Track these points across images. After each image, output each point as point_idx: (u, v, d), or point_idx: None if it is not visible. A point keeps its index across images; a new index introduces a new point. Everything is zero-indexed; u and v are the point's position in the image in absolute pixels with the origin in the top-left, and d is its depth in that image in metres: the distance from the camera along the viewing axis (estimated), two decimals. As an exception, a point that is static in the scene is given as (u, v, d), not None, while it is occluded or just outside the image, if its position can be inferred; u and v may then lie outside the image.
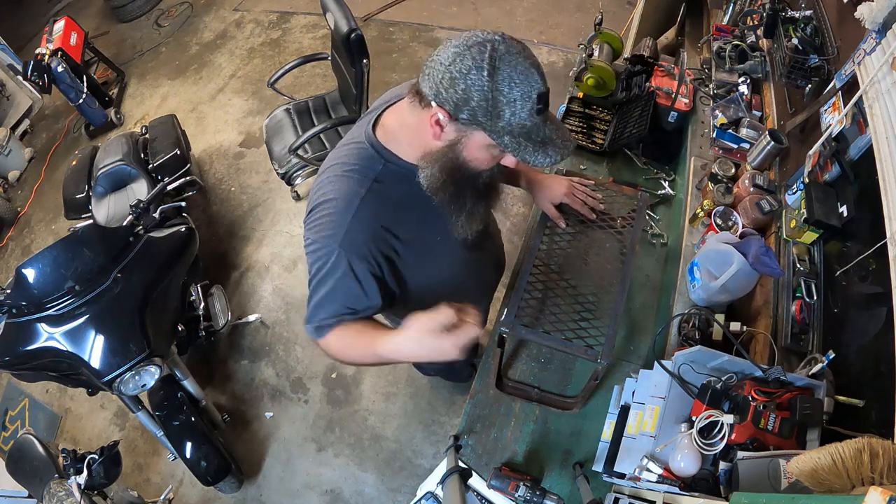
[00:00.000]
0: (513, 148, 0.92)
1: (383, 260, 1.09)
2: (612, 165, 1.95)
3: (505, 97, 0.88)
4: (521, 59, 0.87)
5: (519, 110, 0.89)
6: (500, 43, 0.87)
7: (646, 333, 1.60)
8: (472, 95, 0.88)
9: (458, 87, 0.88)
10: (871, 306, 1.13)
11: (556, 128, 0.95)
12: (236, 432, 2.50)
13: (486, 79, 0.86)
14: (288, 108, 2.83)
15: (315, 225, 1.06)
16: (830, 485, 0.74)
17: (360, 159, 1.06)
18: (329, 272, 1.06)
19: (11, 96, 4.12)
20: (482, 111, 0.89)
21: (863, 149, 1.26)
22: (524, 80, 0.87)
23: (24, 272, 1.85)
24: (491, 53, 0.86)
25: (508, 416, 1.51)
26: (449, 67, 0.88)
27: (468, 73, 0.86)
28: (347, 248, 1.03)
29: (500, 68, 0.86)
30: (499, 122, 0.90)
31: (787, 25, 1.59)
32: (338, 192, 1.04)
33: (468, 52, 0.87)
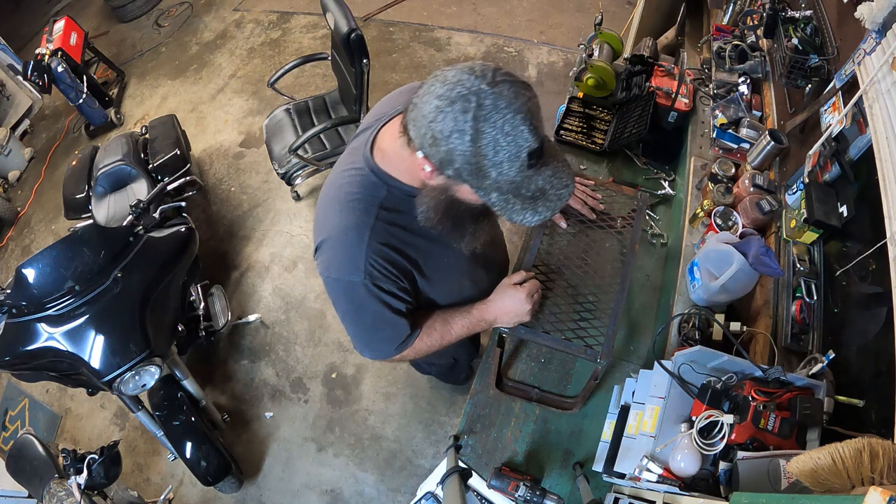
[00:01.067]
0: (500, 206, 0.88)
1: (403, 276, 1.09)
2: (612, 165, 1.95)
3: (490, 161, 0.82)
4: (510, 115, 0.79)
5: (507, 170, 0.83)
6: (486, 95, 0.79)
7: (646, 333, 1.60)
8: (454, 158, 0.83)
9: (440, 148, 0.83)
10: (871, 306, 1.13)
11: (552, 174, 0.89)
12: (236, 432, 2.50)
13: (469, 144, 0.80)
14: (288, 108, 2.83)
15: (331, 262, 1.04)
16: (830, 485, 0.74)
17: (363, 187, 1.02)
18: (364, 308, 1.07)
19: (11, 96, 4.12)
20: (467, 172, 0.84)
21: (863, 149, 1.26)
22: (511, 141, 0.80)
23: (24, 272, 1.85)
24: (475, 112, 0.79)
25: (508, 416, 1.51)
26: (431, 125, 0.82)
27: (450, 136, 0.81)
28: (371, 277, 1.03)
29: (484, 131, 0.79)
30: (485, 181, 0.85)
31: (787, 25, 1.59)
32: (344, 225, 1.02)
33: (451, 110, 0.80)
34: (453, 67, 0.84)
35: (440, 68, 0.86)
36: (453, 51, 3.74)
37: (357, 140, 1.10)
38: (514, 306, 1.21)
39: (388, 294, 1.07)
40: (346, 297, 1.07)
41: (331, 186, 1.08)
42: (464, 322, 1.24)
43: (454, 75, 0.82)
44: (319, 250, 1.06)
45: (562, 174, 0.90)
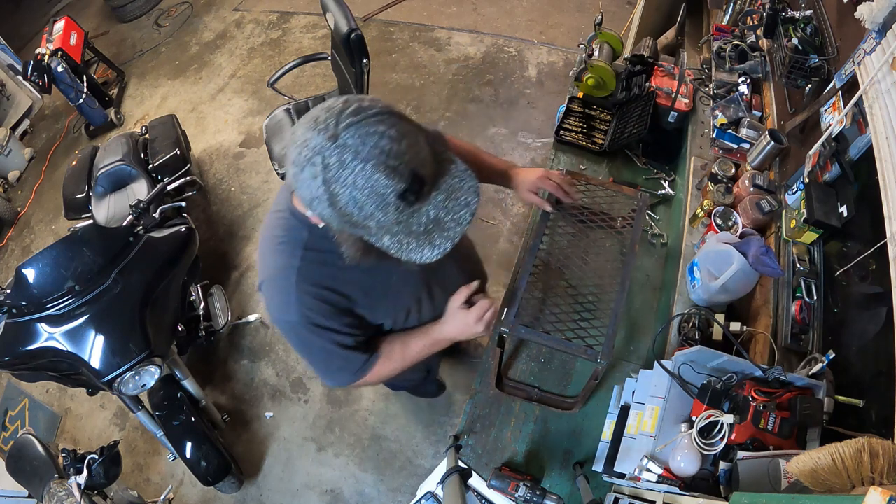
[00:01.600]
0: (395, 249, 0.83)
1: (342, 313, 1.06)
2: (612, 165, 1.95)
3: (360, 216, 0.77)
4: (359, 168, 0.73)
5: (383, 217, 0.78)
6: (330, 153, 0.73)
7: (646, 333, 1.60)
8: (329, 220, 0.80)
9: (315, 210, 0.79)
10: (871, 306, 1.13)
11: (445, 197, 0.82)
12: (236, 432, 2.50)
13: (329, 208, 0.76)
14: (288, 108, 2.83)
15: (269, 303, 1.04)
16: (830, 485, 0.74)
17: (286, 230, 1.00)
18: (310, 345, 1.07)
19: (11, 96, 4.12)
20: (348, 227, 0.81)
21: (863, 149, 1.26)
22: (370, 193, 0.74)
23: (24, 272, 1.85)
24: (323, 177, 0.73)
25: (508, 416, 1.51)
26: (297, 191, 0.78)
27: (312, 203, 0.77)
28: (306, 318, 1.01)
29: (338, 193, 0.74)
30: (369, 230, 0.81)
31: (787, 25, 1.59)
32: (275, 268, 1.01)
33: (303, 176, 0.75)
34: (302, 121, 0.77)
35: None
36: (453, 51, 3.74)
37: (285, 186, 1.08)
38: (465, 329, 1.16)
39: (330, 331, 1.05)
40: (290, 335, 1.07)
41: (264, 228, 1.06)
42: (422, 343, 1.21)
43: (301, 134, 0.76)
44: (260, 291, 1.05)
45: (458, 192, 0.83)
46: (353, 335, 1.10)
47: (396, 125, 0.76)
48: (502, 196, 2.99)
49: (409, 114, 3.46)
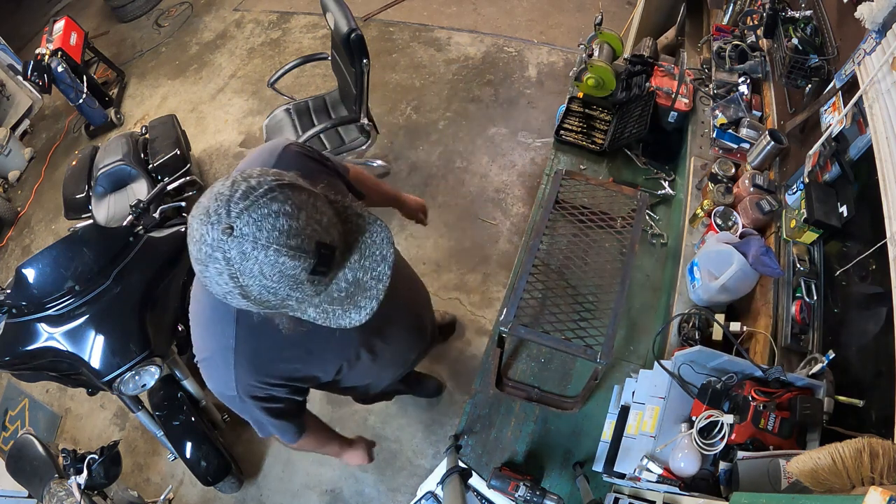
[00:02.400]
0: (322, 318, 0.81)
1: (282, 382, 1.05)
2: (612, 165, 1.95)
3: (277, 299, 0.73)
4: (263, 256, 0.68)
5: (300, 294, 0.74)
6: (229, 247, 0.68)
7: (646, 333, 1.60)
8: (249, 308, 0.76)
9: (231, 304, 0.75)
10: (871, 306, 1.13)
11: (358, 257, 0.79)
12: (236, 432, 2.50)
13: (244, 300, 0.73)
14: (288, 108, 2.83)
15: (208, 379, 1.02)
16: (830, 485, 0.74)
17: (214, 307, 0.96)
18: (246, 412, 1.07)
19: (11, 96, 4.12)
20: (271, 310, 0.77)
21: (863, 149, 1.26)
22: (279, 278, 0.70)
23: (24, 272, 1.85)
24: (229, 272, 0.69)
25: (508, 416, 1.51)
26: (210, 288, 0.73)
27: (226, 297, 0.73)
28: (246, 392, 1.00)
29: (248, 286, 0.70)
30: (292, 307, 0.78)
31: (787, 25, 1.59)
32: (210, 348, 0.98)
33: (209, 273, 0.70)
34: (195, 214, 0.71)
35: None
36: (453, 51, 3.74)
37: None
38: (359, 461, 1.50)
39: (267, 401, 1.04)
40: (231, 405, 1.06)
41: (192, 305, 1.01)
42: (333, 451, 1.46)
43: (196, 229, 0.70)
44: (199, 367, 1.02)
45: (372, 247, 0.81)
46: (293, 399, 1.10)
47: (290, 198, 0.71)
48: (502, 196, 3.00)
49: (409, 114, 3.46)
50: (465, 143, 3.22)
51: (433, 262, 2.81)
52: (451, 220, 2.93)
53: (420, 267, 2.77)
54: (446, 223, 2.93)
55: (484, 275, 2.74)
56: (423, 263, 2.79)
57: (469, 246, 2.84)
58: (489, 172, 3.09)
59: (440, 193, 3.04)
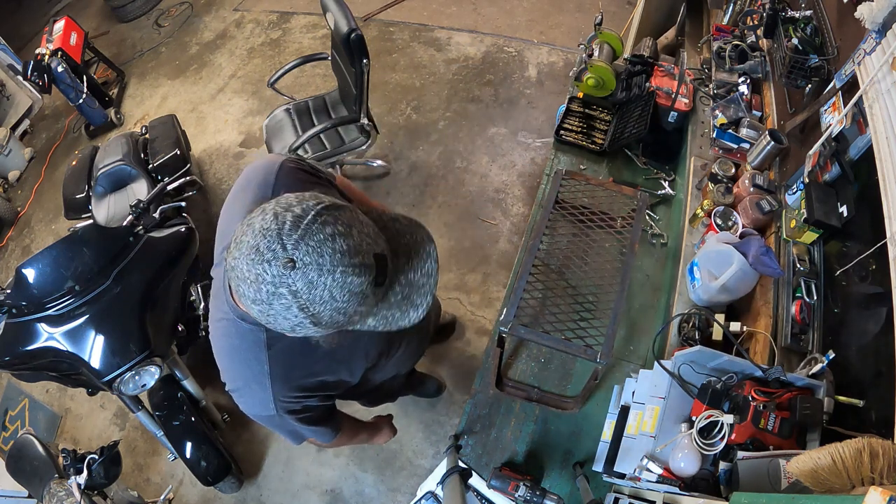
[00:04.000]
0: (382, 325, 0.81)
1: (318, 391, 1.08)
2: (612, 165, 1.95)
3: (345, 319, 0.73)
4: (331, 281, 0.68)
5: (366, 309, 0.75)
6: (293, 280, 0.67)
7: (646, 333, 1.60)
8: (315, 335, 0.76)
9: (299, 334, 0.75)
10: (871, 306, 1.13)
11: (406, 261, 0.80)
12: (236, 432, 2.50)
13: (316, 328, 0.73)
14: (288, 108, 2.83)
15: (246, 406, 1.03)
16: (830, 485, 0.74)
17: (241, 337, 0.95)
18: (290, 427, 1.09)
19: (11, 96, 4.11)
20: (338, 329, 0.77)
21: (863, 149, 1.26)
22: (349, 298, 0.70)
23: (24, 272, 1.85)
24: (298, 304, 0.68)
25: (508, 416, 1.51)
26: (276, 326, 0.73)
27: (297, 328, 0.72)
28: (284, 408, 1.02)
29: (320, 314, 0.70)
30: (354, 324, 0.78)
31: (787, 25, 1.59)
32: (245, 377, 0.99)
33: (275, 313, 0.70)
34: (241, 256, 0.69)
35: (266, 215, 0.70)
36: (453, 51, 3.74)
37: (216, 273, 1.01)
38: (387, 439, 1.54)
39: (303, 412, 1.07)
40: (267, 424, 1.09)
41: (215, 337, 1.01)
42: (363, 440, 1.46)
43: (248, 270, 0.68)
44: (233, 395, 1.03)
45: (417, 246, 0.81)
46: (325, 406, 1.13)
47: (339, 219, 0.71)
48: (502, 196, 3.00)
49: (409, 114, 3.46)
50: (465, 143, 3.22)
51: (433, 262, 2.80)
52: (451, 220, 2.93)
53: (420, 267, 2.76)
54: (446, 223, 2.93)
55: (484, 275, 2.74)
56: (423, 263, 2.79)
57: (469, 246, 2.84)
58: (489, 172, 3.09)
59: (440, 193, 3.04)
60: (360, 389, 1.34)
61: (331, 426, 1.20)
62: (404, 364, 1.45)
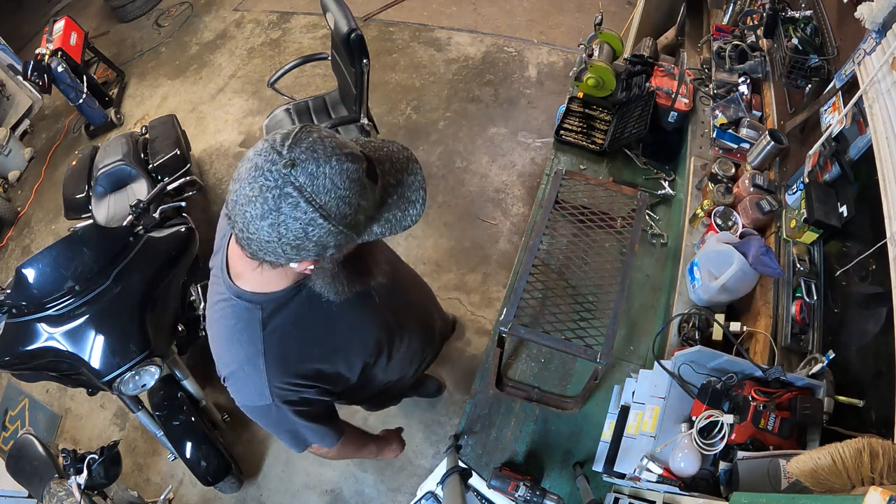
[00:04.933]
0: (387, 229, 0.85)
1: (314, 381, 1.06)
2: (612, 165, 1.95)
3: (351, 213, 0.76)
4: (328, 168, 0.73)
5: (366, 203, 0.79)
6: (296, 176, 0.72)
7: (646, 333, 1.60)
8: (327, 241, 0.77)
9: (308, 247, 0.77)
10: (871, 306, 1.13)
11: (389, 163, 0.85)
12: (236, 432, 2.50)
13: (326, 223, 0.74)
14: (288, 108, 2.83)
15: (238, 394, 1.02)
16: (830, 485, 0.74)
17: (237, 317, 0.96)
18: (281, 424, 1.07)
19: (11, 96, 4.11)
20: (344, 238, 0.79)
21: (863, 149, 1.26)
22: (349, 183, 0.74)
23: (24, 272, 1.85)
24: (305, 197, 0.72)
25: (508, 416, 1.51)
26: (281, 242, 0.75)
27: (308, 233, 0.75)
28: (279, 398, 1.00)
29: (327, 202, 0.73)
30: (361, 228, 0.81)
31: (787, 25, 1.59)
32: (239, 359, 0.98)
33: (283, 216, 0.73)
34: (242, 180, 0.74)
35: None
36: (453, 51, 3.74)
37: (215, 261, 1.04)
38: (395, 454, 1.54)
39: (300, 404, 1.04)
40: (264, 419, 1.06)
41: (211, 322, 1.02)
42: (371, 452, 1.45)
43: (251, 184, 0.73)
44: (225, 383, 1.02)
45: (395, 154, 0.87)
46: (324, 401, 1.10)
47: (321, 128, 0.78)
48: (502, 196, 3.00)
49: (409, 114, 3.46)
50: (465, 143, 3.22)
51: (433, 262, 2.81)
52: (451, 220, 2.93)
53: (420, 267, 2.77)
54: (446, 223, 2.93)
55: (484, 275, 2.74)
56: (423, 263, 2.79)
57: (469, 246, 2.84)
58: (489, 172, 3.09)
59: (440, 193, 3.04)
60: (363, 393, 1.35)
61: (332, 428, 1.17)
62: (408, 365, 1.43)
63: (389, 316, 1.22)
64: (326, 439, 1.17)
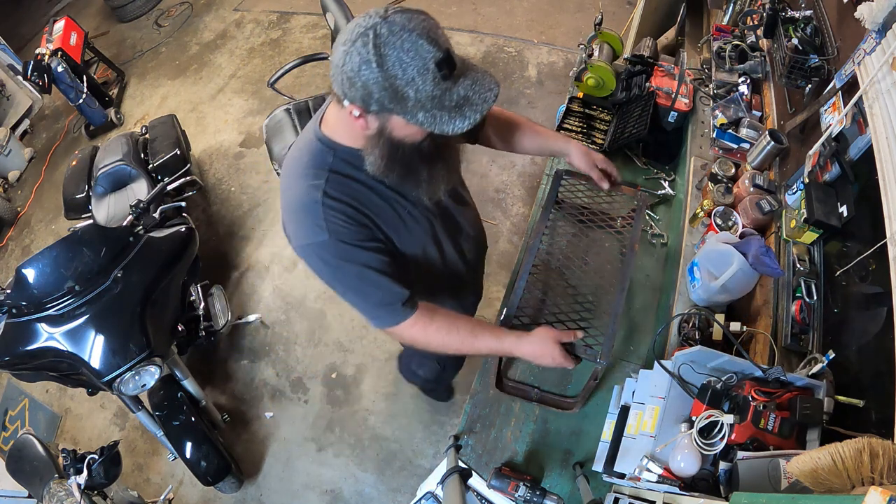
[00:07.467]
0: (429, 123, 0.92)
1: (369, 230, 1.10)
2: (612, 165, 1.95)
3: (401, 80, 0.87)
4: (407, 35, 0.85)
5: (422, 86, 0.88)
6: (381, 25, 0.85)
7: (646, 333, 1.60)
8: (371, 90, 0.88)
9: (356, 85, 0.89)
10: (871, 306, 1.13)
11: (472, 82, 0.93)
12: (236, 432, 2.50)
13: (377, 70, 0.86)
14: (288, 108, 2.83)
15: (297, 230, 1.07)
16: (830, 485, 0.74)
17: (312, 155, 1.08)
18: (343, 268, 1.08)
19: (11, 96, 4.12)
20: (387, 99, 0.89)
21: (863, 149, 1.26)
22: (415, 56, 0.86)
23: (24, 272, 1.85)
24: (374, 41, 0.85)
25: (508, 416, 1.51)
26: (343, 68, 0.88)
27: (360, 70, 0.87)
28: (336, 234, 1.04)
29: (387, 54, 0.85)
30: (407, 103, 0.90)
31: (787, 25, 1.59)
32: (302, 190, 1.06)
33: (353, 48, 0.86)
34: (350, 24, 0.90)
35: None
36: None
37: (311, 120, 1.16)
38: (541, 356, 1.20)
39: (359, 248, 1.07)
40: (323, 262, 1.07)
41: (287, 162, 1.14)
42: (491, 344, 1.21)
43: (353, 22, 0.89)
44: (287, 226, 1.09)
45: (483, 81, 0.94)
46: (382, 258, 1.10)
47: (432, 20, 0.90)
48: (502, 196, 3.00)
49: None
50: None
51: (433, 262, 2.81)
52: (451, 220, 2.93)
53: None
54: (446, 223, 2.92)
55: (484, 274, 2.73)
56: (423, 263, 2.79)
57: (469, 246, 2.84)
58: (489, 172, 3.09)
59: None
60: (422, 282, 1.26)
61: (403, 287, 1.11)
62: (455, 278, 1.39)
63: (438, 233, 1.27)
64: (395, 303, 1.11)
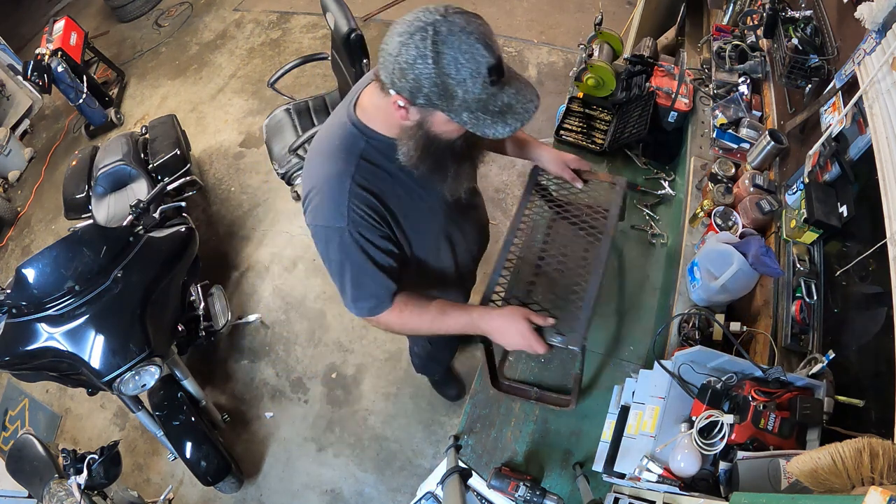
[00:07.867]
0: (472, 124, 0.94)
1: (384, 222, 1.13)
2: (611, 165, 1.95)
3: (454, 79, 0.89)
4: (465, 37, 0.88)
5: (471, 87, 0.90)
6: (441, 23, 0.87)
7: (646, 333, 1.60)
8: (422, 83, 0.90)
9: (408, 77, 0.90)
10: (871, 306, 1.13)
11: (515, 91, 0.96)
12: (236, 432, 2.50)
13: (432, 66, 0.88)
14: (288, 108, 2.83)
15: (317, 210, 1.08)
16: (830, 485, 0.74)
17: (344, 139, 1.09)
18: (348, 256, 1.10)
19: (11, 96, 4.12)
20: (436, 95, 0.91)
21: (863, 149, 1.26)
22: (470, 58, 0.88)
23: (24, 272, 1.85)
24: (433, 38, 0.87)
25: (508, 416, 1.51)
26: (397, 58, 0.89)
27: (414, 63, 0.88)
28: (354, 224, 1.07)
29: (444, 52, 0.87)
30: (454, 101, 0.92)
31: (787, 25, 1.59)
32: (329, 173, 1.07)
33: (411, 41, 0.88)
34: (404, 19, 0.91)
35: None
36: (453, 51, 3.74)
37: (343, 103, 1.17)
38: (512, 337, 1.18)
39: (370, 243, 1.10)
40: (332, 245, 1.10)
41: (316, 141, 1.15)
42: (460, 320, 1.21)
43: (411, 15, 0.90)
44: (306, 200, 1.10)
45: (526, 92, 0.97)
46: (388, 254, 1.14)
47: (487, 26, 0.94)
48: (502, 196, 3.00)
49: (409, 114, 3.42)
50: (465, 143, 3.22)
51: (433, 262, 2.81)
52: (451, 220, 2.93)
53: (420, 267, 2.76)
54: (446, 223, 2.92)
55: (484, 275, 2.73)
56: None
57: (469, 246, 2.84)
58: (489, 172, 3.09)
59: (440, 193, 3.03)
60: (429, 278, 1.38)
61: (392, 279, 1.15)
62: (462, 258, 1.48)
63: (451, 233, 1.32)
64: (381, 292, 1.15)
